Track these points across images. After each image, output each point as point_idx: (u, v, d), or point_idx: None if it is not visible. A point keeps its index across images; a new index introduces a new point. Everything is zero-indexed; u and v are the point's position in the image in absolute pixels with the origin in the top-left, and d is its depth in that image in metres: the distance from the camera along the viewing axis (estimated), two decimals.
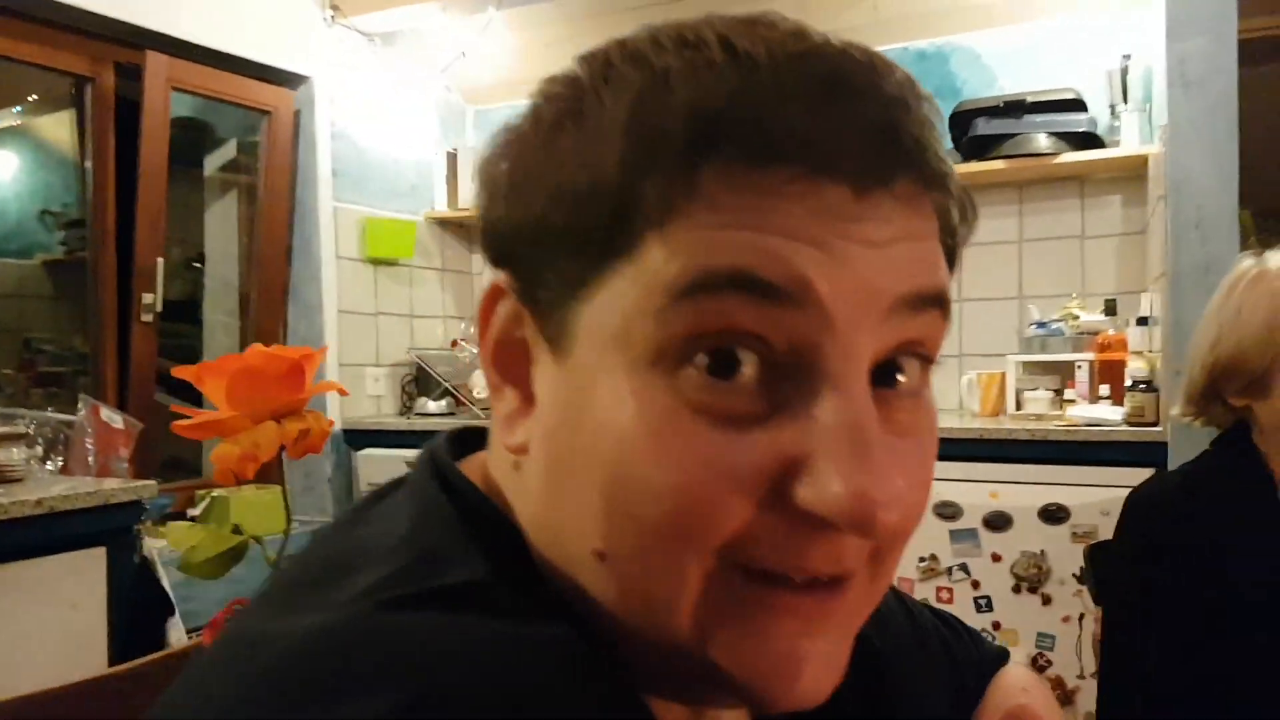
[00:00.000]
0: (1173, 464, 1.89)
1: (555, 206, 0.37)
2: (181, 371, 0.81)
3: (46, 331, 3.25)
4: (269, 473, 3.22)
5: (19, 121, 3.31)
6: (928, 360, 0.39)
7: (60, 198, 3.20)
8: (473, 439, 0.47)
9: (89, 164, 2.53)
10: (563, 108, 0.38)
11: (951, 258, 0.40)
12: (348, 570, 0.38)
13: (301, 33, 2.95)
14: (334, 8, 3.00)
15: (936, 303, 0.37)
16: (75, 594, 1.78)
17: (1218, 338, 1.21)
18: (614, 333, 0.36)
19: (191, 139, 2.87)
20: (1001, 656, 0.65)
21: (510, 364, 0.41)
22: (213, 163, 3.09)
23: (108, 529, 1.84)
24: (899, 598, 0.60)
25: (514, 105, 0.42)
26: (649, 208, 0.35)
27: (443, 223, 3.51)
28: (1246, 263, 1.24)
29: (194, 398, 3.00)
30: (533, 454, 0.40)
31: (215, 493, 2.61)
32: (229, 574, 0.85)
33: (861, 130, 0.35)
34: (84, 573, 1.79)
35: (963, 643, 0.63)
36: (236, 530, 0.87)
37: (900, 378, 0.38)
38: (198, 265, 3.22)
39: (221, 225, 3.11)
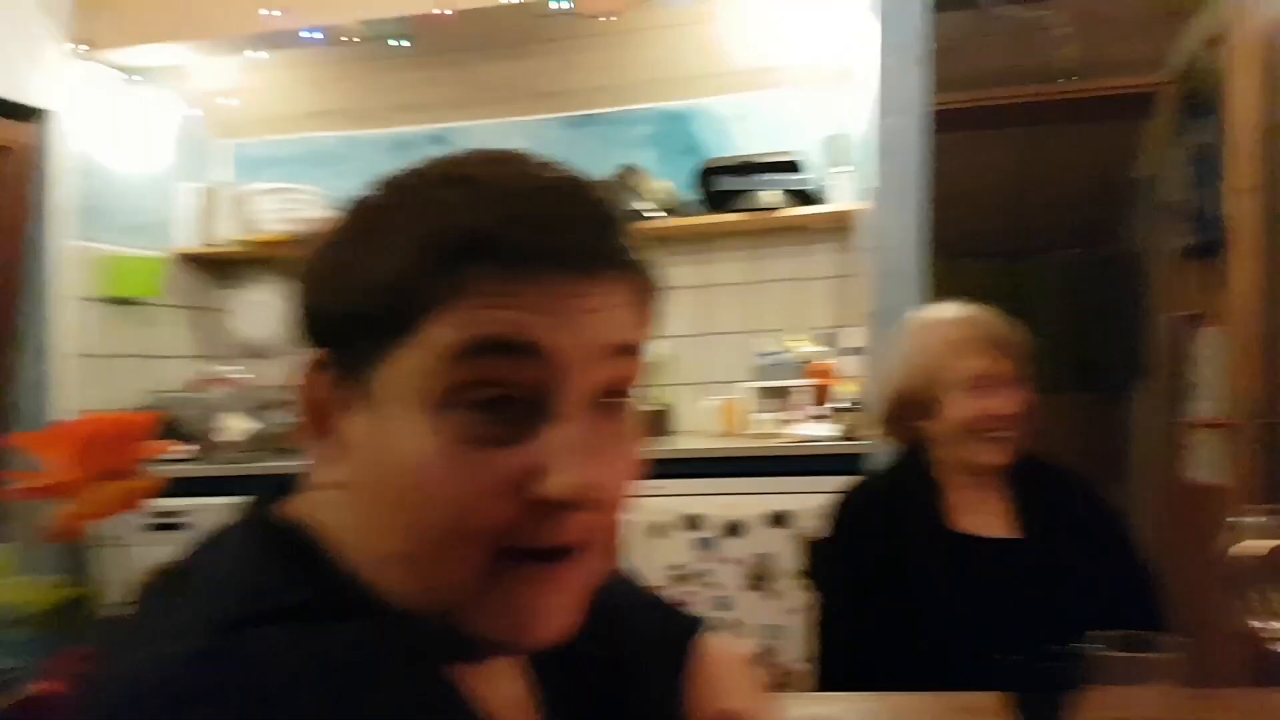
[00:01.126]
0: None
1: (363, 296, 0.51)
2: (21, 440, 0.85)
3: None
4: None
5: None
6: (631, 389, 0.55)
7: None
8: (289, 486, 0.59)
9: None
10: (367, 222, 0.53)
11: (649, 313, 0.57)
12: (182, 609, 0.49)
13: (47, 67, 2.79)
14: (87, 43, 2.85)
15: (635, 350, 0.55)
16: None
17: (894, 374, 1.54)
18: (406, 386, 0.50)
19: None
20: (698, 621, 0.79)
21: (325, 420, 0.54)
22: None
23: None
24: (622, 576, 0.76)
25: (269, 140, 0.60)
26: (428, 299, 0.49)
27: (192, 259, 3.38)
28: (915, 313, 1.58)
29: None
30: (352, 487, 0.53)
31: None
32: None
33: (579, 241, 0.51)
34: None
35: (668, 606, 0.80)
36: None
37: (618, 399, 0.54)
38: None
39: None
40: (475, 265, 0.49)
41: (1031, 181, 4.05)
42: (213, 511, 0.56)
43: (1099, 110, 3.39)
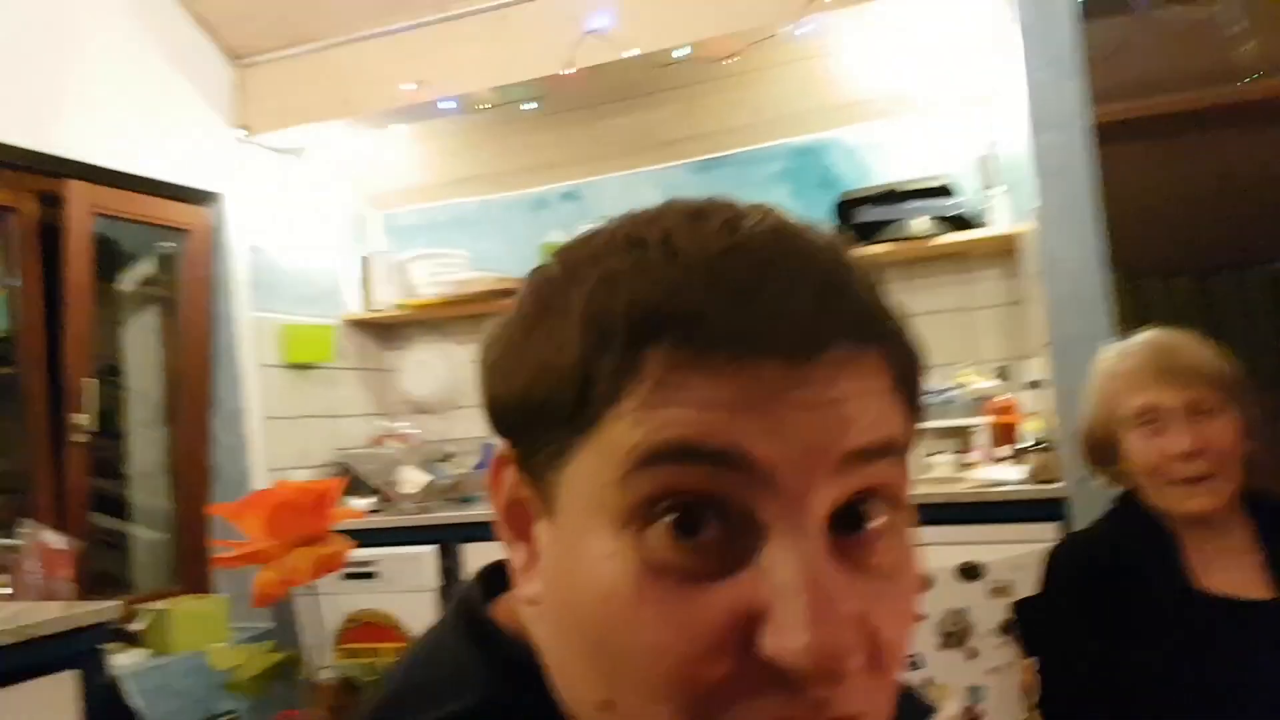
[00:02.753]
0: (1075, 518, 2.08)
1: (534, 384, 0.42)
2: (218, 510, 0.88)
3: None
4: (202, 581, 3.17)
5: None
6: (894, 503, 0.41)
7: None
8: (502, 573, 0.50)
9: (15, 284, 2.52)
10: (540, 299, 0.44)
11: (913, 399, 0.43)
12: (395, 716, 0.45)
13: (214, 153, 3.02)
14: (244, 128, 3.08)
15: (886, 452, 0.40)
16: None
17: (1081, 413, 1.40)
18: (588, 498, 0.40)
19: (102, 255, 2.87)
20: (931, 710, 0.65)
21: (518, 522, 0.46)
22: (126, 278, 3.08)
23: (78, 651, 1.82)
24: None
25: (419, 209, 0.54)
26: (603, 388, 0.40)
27: (359, 324, 3.55)
28: (1106, 347, 1.43)
29: (121, 513, 2.96)
30: (544, 605, 0.44)
31: (154, 606, 2.57)
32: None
33: (788, 313, 0.39)
34: (54, 697, 1.76)
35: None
36: None
37: (868, 524, 0.40)
38: (112, 379, 3.18)
39: (138, 338, 3.09)
40: (652, 350, 0.39)
41: (1218, 191, 3.75)
42: (397, 560, 0.52)
43: None
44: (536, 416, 0.42)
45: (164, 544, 3.01)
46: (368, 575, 2.68)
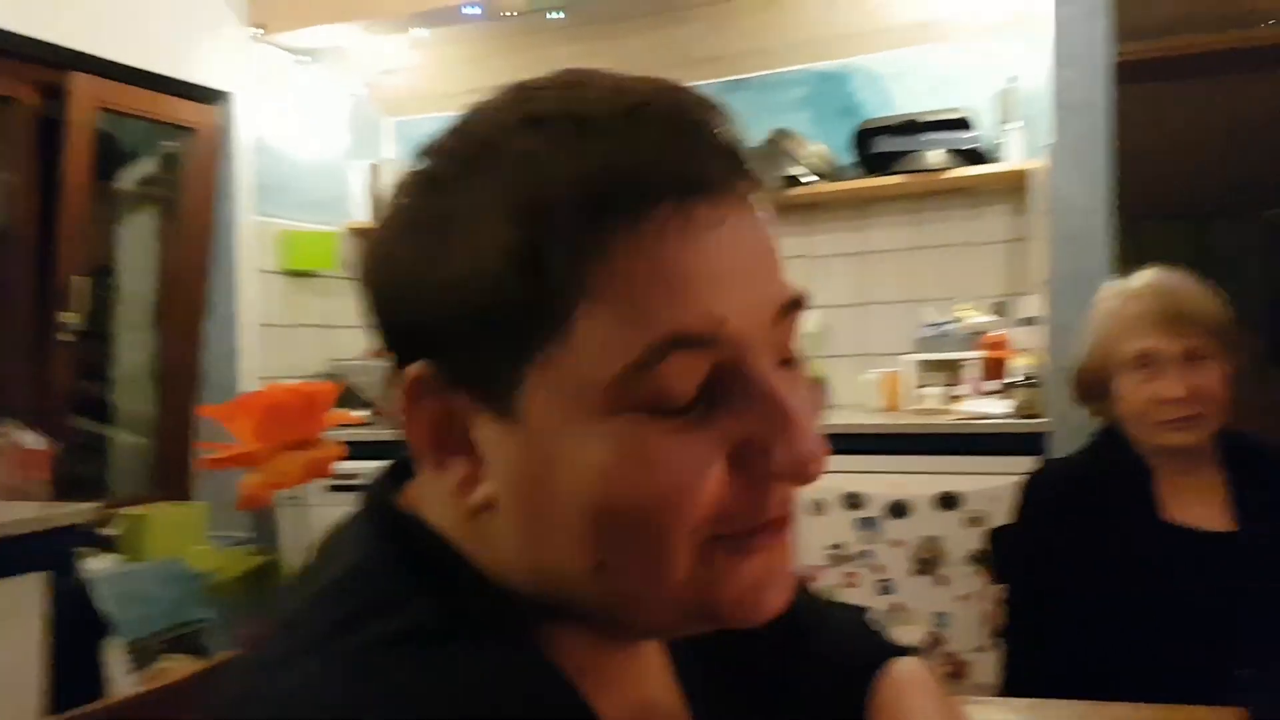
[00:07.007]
0: (1055, 453, 2.10)
1: (463, 294, 0.41)
2: (208, 411, 0.89)
3: None
4: (182, 488, 3.17)
5: None
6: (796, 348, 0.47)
7: None
8: (407, 469, 0.51)
9: (8, 177, 2.48)
10: (432, 203, 0.43)
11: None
12: (310, 617, 0.44)
13: (226, 51, 2.96)
14: (260, 26, 3.01)
15: (797, 305, 0.45)
16: (9, 621, 1.75)
17: (1076, 351, 1.41)
18: (567, 395, 0.41)
19: (102, 152, 2.84)
20: (889, 646, 0.66)
21: (450, 440, 0.45)
22: (125, 176, 3.04)
23: (49, 553, 1.82)
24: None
25: (433, 117, 0.51)
26: (562, 278, 0.39)
27: (364, 233, 3.53)
28: (1107, 283, 1.44)
29: (103, 416, 2.96)
30: (503, 508, 0.44)
31: (131, 511, 2.59)
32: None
33: (707, 157, 0.42)
34: (21, 598, 1.76)
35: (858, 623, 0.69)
36: None
37: (791, 361, 0.46)
38: (103, 280, 3.17)
39: (134, 239, 3.07)
40: (609, 222, 0.39)
41: (1228, 135, 3.70)
42: None
43: None
44: (476, 326, 0.41)
45: (145, 449, 2.99)
46: (356, 489, 2.69)
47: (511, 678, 0.42)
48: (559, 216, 0.39)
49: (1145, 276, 1.39)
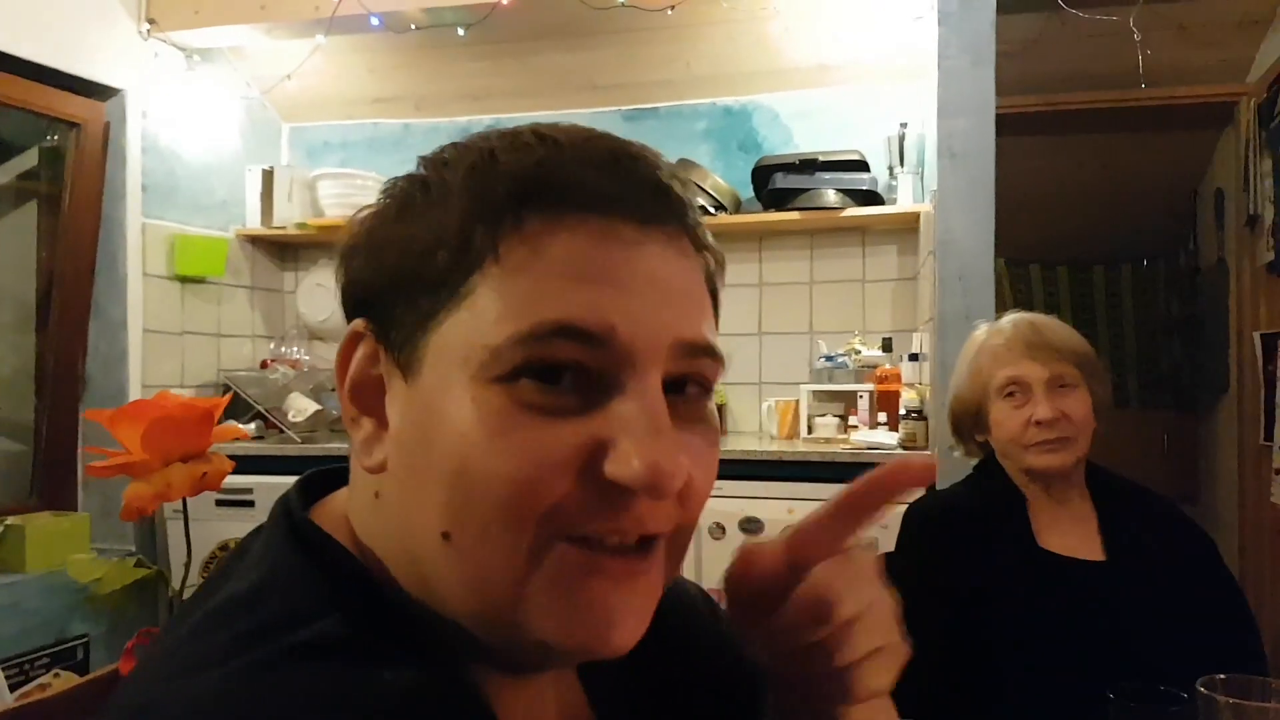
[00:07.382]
0: (940, 484, 2.19)
1: (406, 256, 0.46)
2: (95, 415, 0.86)
3: None
4: (63, 497, 3.02)
5: None
6: (707, 386, 0.50)
7: None
8: (321, 482, 0.54)
9: None
10: (409, 189, 0.48)
11: (715, 302, 0.51)
12: (216, 630, 0.44)
13: (116, 46, 2.84)
14: (150, 22, 2.91)
15: (707, 353, 0.48)
16: None
17: (952, 385, 1.50)
18: (456, 355, 0.44)
19: None
20: None
21: (366, 397, 0.49)
22: (1, 169, 2.89)
23: None
24: (705, 595, 0.70)
25: (330, 124, 0.55)
26: (480, 247, 0.44)
27: (255, 240, 3.43)
28: (977, 324, 1.53)
29: None
30: (390, 468, 0.47)
31: (8, 521, 2.46)
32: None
33: (639, 185, 0.47)
34: None
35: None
36: None
37: (688, 389, 0.48)
38: None
39: (9, 236, 2.91)
40: (529, 209, 0.44)
41: (1102, 189, 3.95)
42: (276, 490, 0.53)
43: (1173, 118, 3.29)
44: (408, 285, 0.46)
45: (23, 456, 2.83)
46: (245, 504, 2.59)
47: (417, 690, 0.43)
48: (492, 198, 0.45)
49: (1012, 315, 1.49)
